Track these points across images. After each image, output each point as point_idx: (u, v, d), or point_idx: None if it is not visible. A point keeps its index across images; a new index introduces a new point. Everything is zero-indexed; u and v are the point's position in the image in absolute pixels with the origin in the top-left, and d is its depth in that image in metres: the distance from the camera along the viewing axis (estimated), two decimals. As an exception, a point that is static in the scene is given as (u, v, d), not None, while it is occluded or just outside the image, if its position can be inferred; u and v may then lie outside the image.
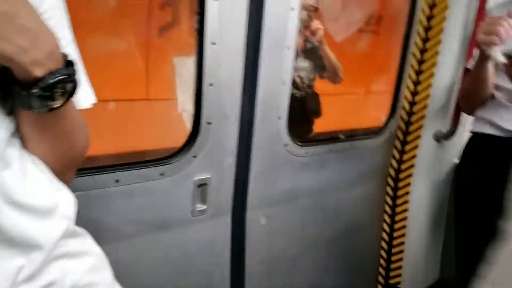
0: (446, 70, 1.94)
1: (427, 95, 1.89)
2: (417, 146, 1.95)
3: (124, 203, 1.26)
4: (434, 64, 1.85)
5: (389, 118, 1.98)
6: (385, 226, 2.10)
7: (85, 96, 0.72)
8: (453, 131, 2.02)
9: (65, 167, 0.71)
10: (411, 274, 2.18)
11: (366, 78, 2.71)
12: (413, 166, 1.99)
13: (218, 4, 1.26)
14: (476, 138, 1.73)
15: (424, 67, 1.86)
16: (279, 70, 1.47)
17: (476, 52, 1.62)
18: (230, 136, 1.43)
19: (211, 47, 1.29)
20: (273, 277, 1.75)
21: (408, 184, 2.01)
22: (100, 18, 2.04)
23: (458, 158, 1.84)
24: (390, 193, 2.05)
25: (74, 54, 0.70)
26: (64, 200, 0.68)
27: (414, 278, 2.22)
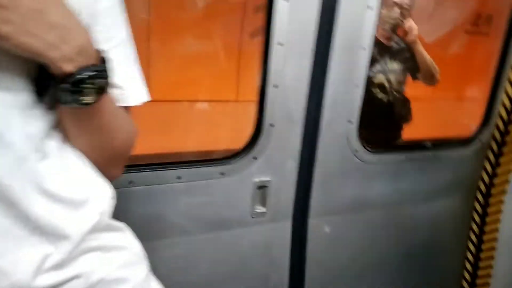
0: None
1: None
2: (514, 159, 1.72)
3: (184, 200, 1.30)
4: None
5: (481, 126, 1.77)
6: (470, 246, 1.89)
7: (135, 93, 0.73)
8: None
9: (107, 162, 0.71)
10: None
11: (459, 82, 2.47)
12: (507, 181, 1.76)
13: (288, 4, 1.22)
14: None
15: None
16: (352, 72, 1.40)
17: None
18: (293, 139, 1.39)
19: (277, 48, 1.26)
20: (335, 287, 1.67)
21: (500, 201, 1.78)
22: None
23: None
24: (479, 210, 1.84)
25: (123, 54, 0.70)
26: (99, 194, 0.69)
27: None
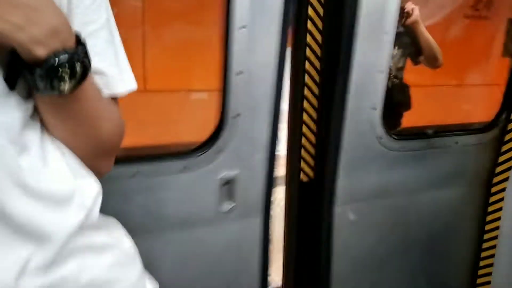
0: None
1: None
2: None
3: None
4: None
5: (500, 112, 1.75)
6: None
7: (120, 81, 0.66)
8: None
9: (94, 156, 0.65)
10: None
11: (473, 68, 2.45)
12: (527, 166, 1.74)
13: None
14: None
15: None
16: (376, 57, 1.38)
17: None
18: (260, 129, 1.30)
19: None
20: (360, 276, 1.66)
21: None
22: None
23: None
24: (496, 196, 1.82)
25: (104, 38, 0.64)
26: (84, 189, 0.62)
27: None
